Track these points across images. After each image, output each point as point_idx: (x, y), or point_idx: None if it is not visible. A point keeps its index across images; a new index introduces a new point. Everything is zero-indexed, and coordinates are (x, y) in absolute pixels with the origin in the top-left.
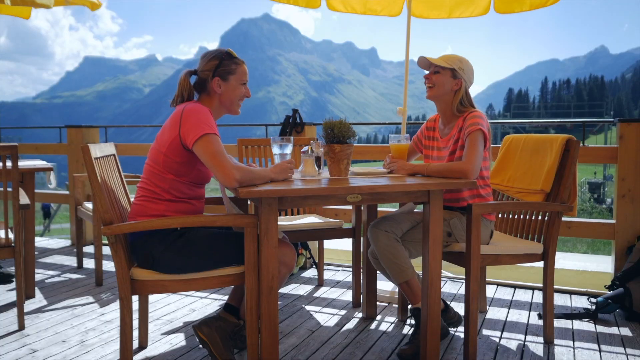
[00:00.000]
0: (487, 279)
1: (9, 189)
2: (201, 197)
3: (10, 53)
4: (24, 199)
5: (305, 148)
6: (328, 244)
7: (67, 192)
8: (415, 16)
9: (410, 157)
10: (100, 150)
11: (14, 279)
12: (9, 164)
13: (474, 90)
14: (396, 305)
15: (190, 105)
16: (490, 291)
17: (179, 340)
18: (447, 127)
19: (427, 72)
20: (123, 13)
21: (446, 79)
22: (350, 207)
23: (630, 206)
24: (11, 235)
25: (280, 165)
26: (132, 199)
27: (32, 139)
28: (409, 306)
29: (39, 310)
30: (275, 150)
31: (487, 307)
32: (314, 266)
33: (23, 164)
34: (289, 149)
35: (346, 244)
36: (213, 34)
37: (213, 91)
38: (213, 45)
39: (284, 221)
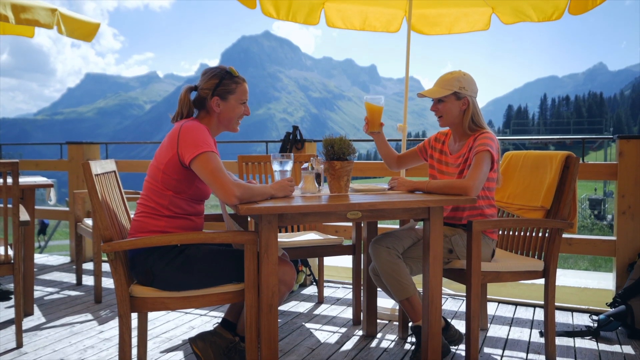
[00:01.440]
0: (488, 296)
1: (9, 206)
2: (200, 213)
3: (12, 70)
4: (24, 216)
5: (305, 165)
6: (328, 260)
7: (67, 209)
8: (415, 31)
9: (411, 163)
10: (100, 166)
11: (12, 296)
12: (9, 180)
13: None
14: (397, 323)
15: (188, 124)
16: (492, 308)
17: (178, 358)
18: (458, 144)
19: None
20: (125, 30)
21: (452, 104)
22: (350, 224)
23: (631, 223)
24: (10, 252)
25: (281, 183)
26: (132, 216)
27: (33, 155)
28: (410, 324)
29: (38, 327)
30: (276, 167)
31: (489, 324)
32: (314, 283)
33: (23, 180)
34: (289, 166)
35: (346, 260)
36: (214, 51)
37: (212, 110)
38: (214, 62)
39: (284, 238)
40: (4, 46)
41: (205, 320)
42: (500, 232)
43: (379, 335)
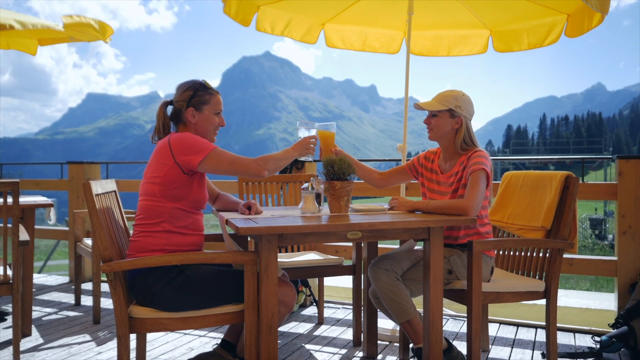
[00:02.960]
0: (489, 317)
1: (9, 225)
2: (200, 229)
3: (14, 89)
4: (23, 235)
5: (305, 185)
6: (328, 281)
7: (67, 228)
8: (414, 54)
9: (399, 180)
10: (101, 186)
11: (10, 317)
12: (9, 200)
13: (473, 127)
14: (397, 344)
15: (174, 135)
16: (493, 329)
17: None
18: (449, 164)
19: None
20: (126, 51)
21: (445, 120)
22: (350, 244)
23: (632, 243)
24: (9, 272)
25: (302, 142)
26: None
27: (34, 174)
28: (411, 345)
29: (35, 348)
30: (302, 134)
31: (490, 346)
32: (314, 304)
33: (23, 200)
34: (314, 132)
35: (347, 281)
36: (215, 71)
37: (188, 121)
38: (215, 82)
39: (284, 258)
40: (7, 66)
41: (204, 341)
42: (500, 253)
43: (380, 356)
